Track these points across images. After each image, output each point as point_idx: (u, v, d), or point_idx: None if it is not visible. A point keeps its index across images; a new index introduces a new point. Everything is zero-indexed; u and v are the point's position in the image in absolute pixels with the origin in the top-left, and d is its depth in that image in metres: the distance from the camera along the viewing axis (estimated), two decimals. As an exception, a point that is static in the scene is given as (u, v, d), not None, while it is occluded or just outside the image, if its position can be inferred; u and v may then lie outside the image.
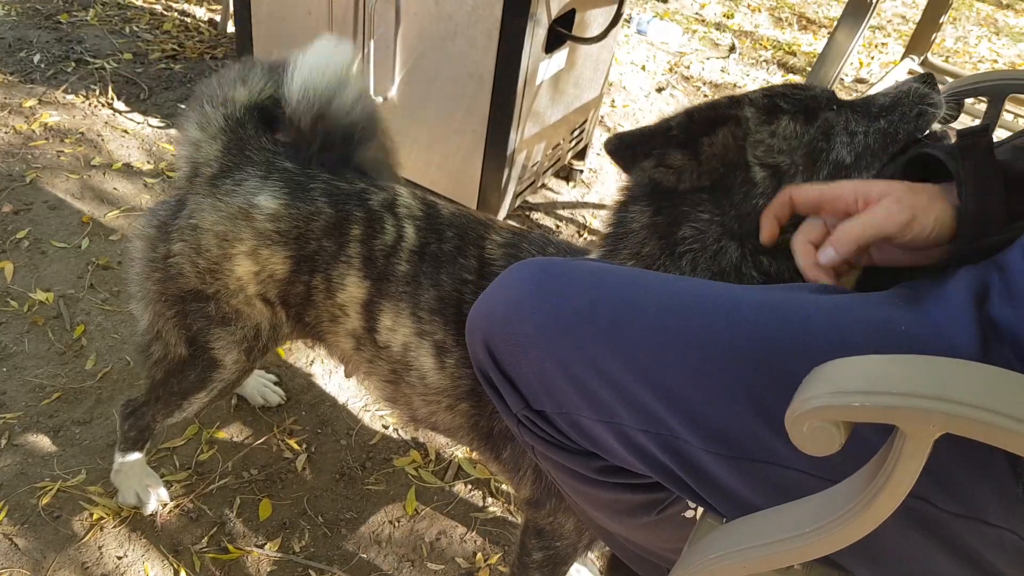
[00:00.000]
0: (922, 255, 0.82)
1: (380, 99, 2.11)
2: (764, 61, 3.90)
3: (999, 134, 1.24)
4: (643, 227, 0.98)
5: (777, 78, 3.76)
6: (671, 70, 3.56)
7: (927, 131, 0.92)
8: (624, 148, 0.95)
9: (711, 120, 0.95)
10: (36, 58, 2.80)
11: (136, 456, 1.49)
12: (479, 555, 1.56)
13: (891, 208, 0.78)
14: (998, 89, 1.38)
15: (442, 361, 1.17)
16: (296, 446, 1.70)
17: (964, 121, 2.10)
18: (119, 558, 1.45)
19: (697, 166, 0.93)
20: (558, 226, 2.50)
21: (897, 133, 0.90)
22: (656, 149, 0.94)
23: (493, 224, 1.23)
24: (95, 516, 1.50)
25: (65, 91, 2.67)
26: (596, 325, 0.79)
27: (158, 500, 1.52)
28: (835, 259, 0.82)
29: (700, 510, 0.85)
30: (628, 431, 0.78)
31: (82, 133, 2.51)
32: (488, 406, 1.15)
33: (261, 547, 1.50)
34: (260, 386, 1.77)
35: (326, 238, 1.17)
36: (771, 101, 0.95)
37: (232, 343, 1.27)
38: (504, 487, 1.69)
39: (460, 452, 1.74)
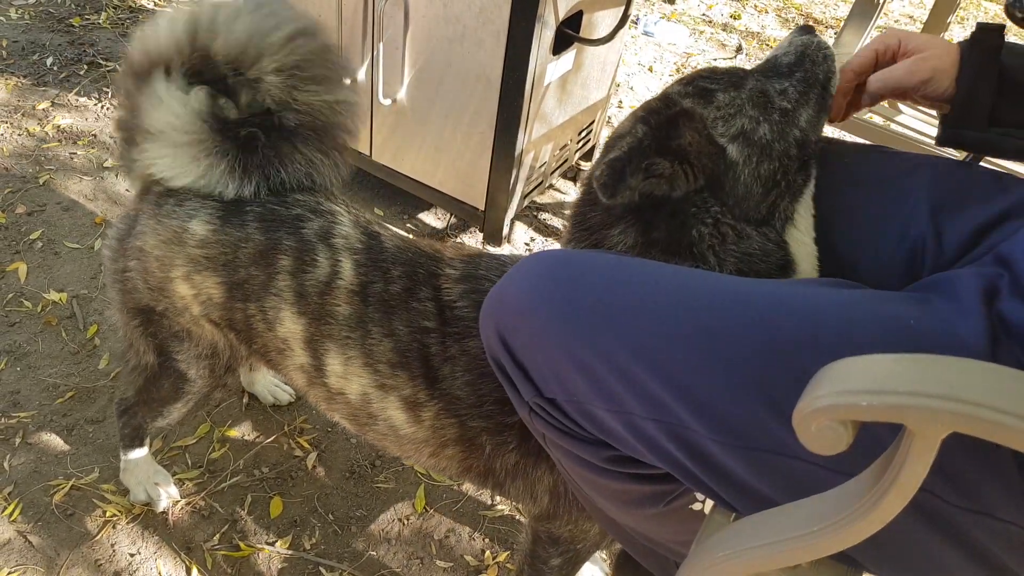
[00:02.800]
0: (937, 105, 0.97)
1: (389, 101, 2.13)
2: (771, 61, 3.89)
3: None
4: (631, 248, 0.97)
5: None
6: (678, 71, 3.56)
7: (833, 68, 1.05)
8: (615, 172, 0.91)
9: (669, 121, 0.95)
10: (49, 61, 2.83)
11: (140, 454, 1.50)
12: (487, 553, 1.57)
13: (912, 66, 0.94)
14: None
15: (417, 415, 1.10)
16: (306, 444, 1.71)
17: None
18: (132, 555, 1.47)
19: (690, 167, 0.94)
20: (565, 226, 2.50)
21: (817, 76, 1.01)
22: (642, 164, 0.92)
23: (442, 256, 1.13)
24: (108, 514, 1.52)
25: (78, 94, 2.69)
26: (606, 316, 0.80)
27: (168, 497, 1.54)
28: (869, 104, 1.01)
29: (708, 503, 0.86)
30: (637, 420, 0.79)
31: (94, 135, 2.53)
32: (481, 449, 1.09)
33: (272, 544, 1.52)
34: (271, 384, 1.78)
35: (254, 267, 1.11)
36: (698, 86, 1.00)
37: (192, 358, 1.26)
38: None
39: (469, 451, 1.75)
